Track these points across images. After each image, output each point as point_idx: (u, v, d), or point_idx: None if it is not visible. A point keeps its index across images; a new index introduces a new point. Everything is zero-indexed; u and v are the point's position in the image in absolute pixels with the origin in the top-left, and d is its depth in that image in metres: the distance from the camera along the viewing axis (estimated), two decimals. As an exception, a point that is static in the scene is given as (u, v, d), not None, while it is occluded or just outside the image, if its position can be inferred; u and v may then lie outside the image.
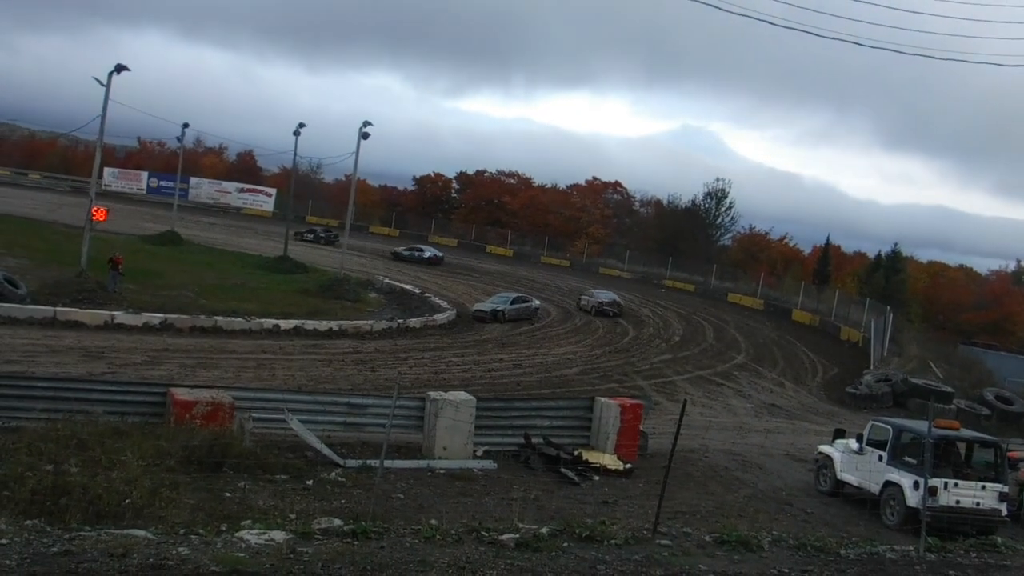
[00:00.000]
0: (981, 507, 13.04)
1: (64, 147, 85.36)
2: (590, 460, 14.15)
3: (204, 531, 7.02)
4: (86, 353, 20.24)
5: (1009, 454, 15.03)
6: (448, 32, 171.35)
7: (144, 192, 73.23)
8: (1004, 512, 13.31)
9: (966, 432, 14.61)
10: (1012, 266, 72.15)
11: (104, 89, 27.69)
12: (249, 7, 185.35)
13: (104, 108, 27.98)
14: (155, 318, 24.86)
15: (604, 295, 41.73)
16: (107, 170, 70.05)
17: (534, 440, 14.47)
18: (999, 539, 10.38)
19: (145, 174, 75.74)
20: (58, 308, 23.95)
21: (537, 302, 38.81)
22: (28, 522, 7.07)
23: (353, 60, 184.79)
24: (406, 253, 49.79)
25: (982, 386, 31.54)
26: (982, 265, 77.42)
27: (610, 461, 14.29)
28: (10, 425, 11.13)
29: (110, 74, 27.69)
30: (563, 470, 13.58)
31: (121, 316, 24.52)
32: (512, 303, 36.79)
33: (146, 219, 54.10)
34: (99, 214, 30.00)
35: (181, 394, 12.50)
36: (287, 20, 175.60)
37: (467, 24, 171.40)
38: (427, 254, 52.22)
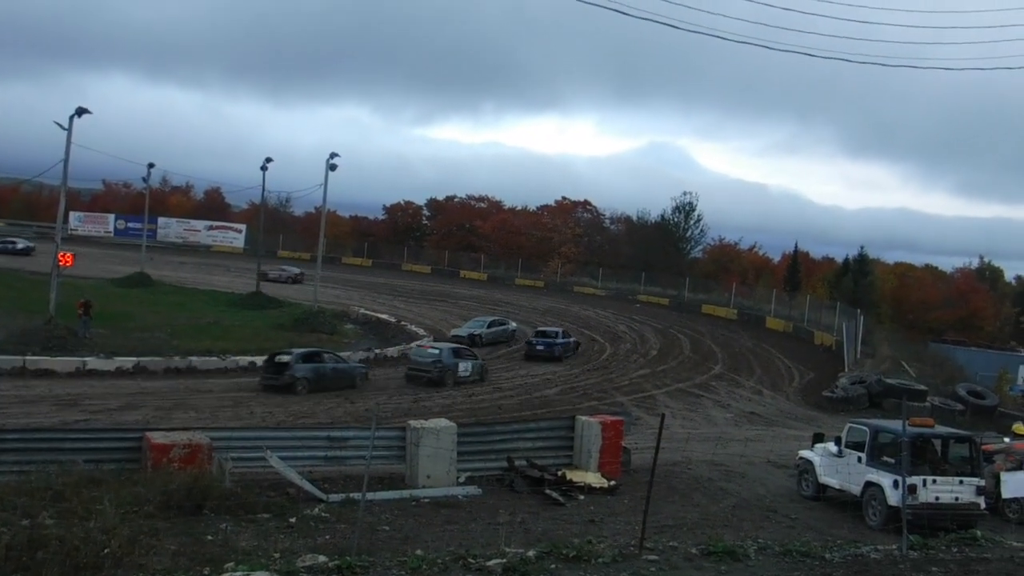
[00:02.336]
0: (960, 502, 13.25)
1: (27, 193, 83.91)
2: (574, 479, 14.14)
3: (186, 577, 6.90)
4: (58, 402, 19.83)
5: (984, 447, 15.33)
6: (416, 62, 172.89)
7: (111, 235, 72.25)
8: (982, 505, 13.52)
9: (941, 428, 14.88)
10: (975, 263, 74.16)
11: (66, 133, 27.47)
12: (216, 46, 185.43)
13: (67, 152, 27.72)
14: (128, 362, 24.46)
15: (294, 269, 54.16)
16: (72, 214, 69.03)
17: (517, 463, 14.43)
18: (979, 532, 10.55)
19: (111, 216, 74.78)
20: (27, 357, 23.47)
21: (514, 324, 38.87)
22: (3, 579, 6.90)
23: (322, 93, 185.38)
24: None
25: (954, 382, 32.19)
26: (947, 264, 79.31)
27: (594, 479, 14.30)
28: (-19, 481, 10.84)
29: (71, 118, 27.49)
30: (548, 491, 13.56)
31: (93, 362, 24.10)
32: (489, 327, 36.80)
33: (114, 262, 53.33)
34: (66, 259, 29.57)
35: (157, 438, 12.30)
36: (254, 57, 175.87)
37: (435, 54, 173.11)
38: (19, 246, 57.45)
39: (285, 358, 23.89)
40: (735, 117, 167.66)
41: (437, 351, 26.89)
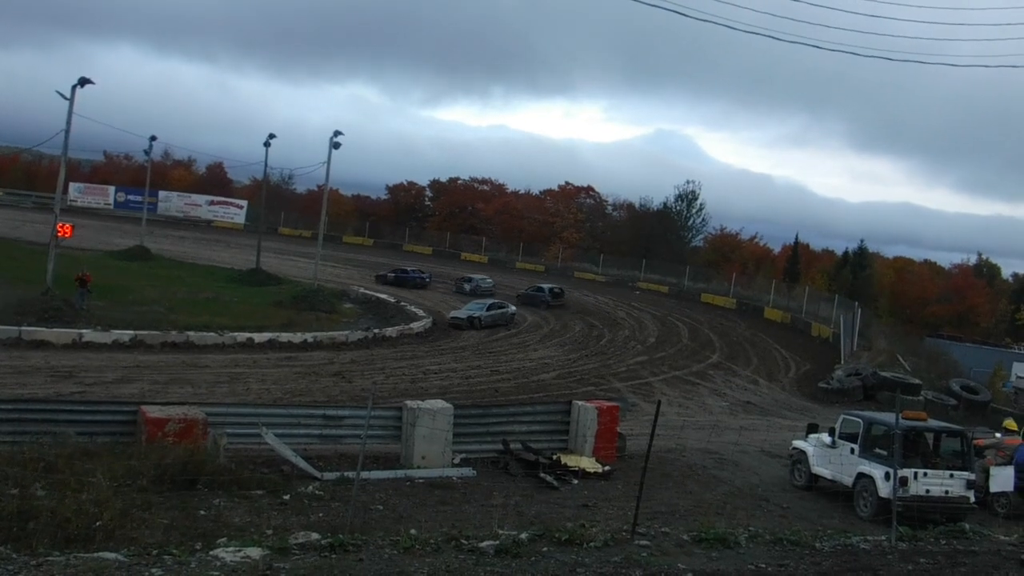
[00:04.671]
0: (950, 495, 13.34)
1: (27, 163, 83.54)
2: (569, 464, 14.19)
3: (177, 551, 6.90)
4: (54, 373, 19.83)
5: (975, 442, 15.40)
6: (427, 44, 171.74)
7: (111, 207, 71.99)
8: (972, 499, 13.62)
9: (933, 422, 14.94)
10: (974, 259, 74.17)
11: (68, 103, 27.27)
12: (227, 20, 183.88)
13: (68, 122, 27.53)
14: (125, 335, 24.45)
15: None
16: (72, 185, 68.75)
17: (513, 446, 14.48)
18: (967, 526, 10.59)
19: (112, 188, 74.46)
20: (23, 328, 23.45)
21: (513, 308, 38.87)
22: (-6, 549, 6.90)
23: (330, 72, 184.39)
24: None
25: (948, 377, 32.30)
26: (946, 260, 79.35)
27: (588, 464, 14.35)
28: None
29: (73, 88, 27.31)
30: (542, 475, 13.61)
31: (89, 334, 24.09)
32: (488, 309, 36.80)
33: (114, 234, 53.19)
34: (64, 230, 29.46)
35: (153, 412, 12.31)
36: (265, 33, 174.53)
37: (446, 36, 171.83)
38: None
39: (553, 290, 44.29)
40: (745, 108, 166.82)
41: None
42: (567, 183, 78.11)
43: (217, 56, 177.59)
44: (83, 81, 27.37)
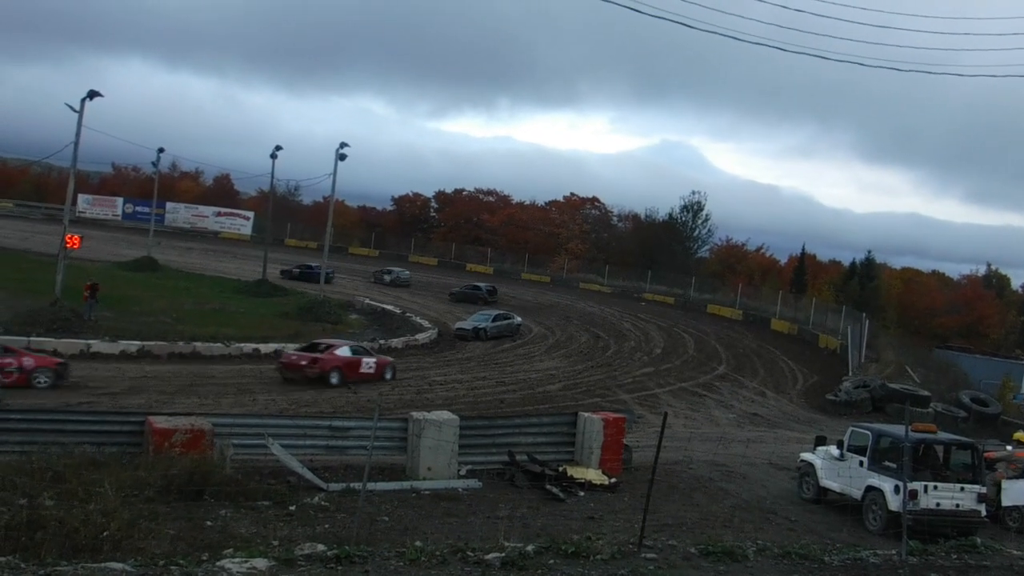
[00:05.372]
0: (961, 509, 13.22)
1: (37, 174, 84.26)
2: (575, 476, 14.14)
3: (184, 562, 6.91)
4: (62, 383, 19.87)
5: (986, 455, 15.27)
6: (433, 56, 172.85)
7: (119, 218, 72.50)
8: (983, 513, 13.49)
9: (943, 435, 14.82)
10: (983, 270, 73.85)
11: (77, 115, 27.54)
12: (236, 34, 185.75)
13: (77, 134, 27.82)
14: (132, 345, 24.55)
15: None
16: (81, 196, 69.29)
17: (518, 457, 14.43)
18: (979, 540, 10.49)
19: (120, 200, 75.02)
20: (32, 338, 23.54)
21: (519, 319, 38.86)
22: (2, 559, 6.92)
23: (337, 84, 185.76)
24: None
25: (958, 389, 32.09)
26: (955, 271, 79.09)
27: (595, 476, 14.29)
28: (-17, 460, 10.87)
29: (83, 100, 27.59)
30: (548, 486, 13.55)
31: (97, 344, 24.19)
32: (493, 320, 36.81)
33: (122, 245, 53.51)
34: (73, 241, 29.67)
35: (159, 422, 12.33)
36: (273, 46, 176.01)
37: (452, 48, 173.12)
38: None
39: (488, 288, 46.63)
40: (751, 119, 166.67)
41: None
42: (572, 194, 78.36)
43: (225, 69, 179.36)
44: (92, 94, 27.67)
